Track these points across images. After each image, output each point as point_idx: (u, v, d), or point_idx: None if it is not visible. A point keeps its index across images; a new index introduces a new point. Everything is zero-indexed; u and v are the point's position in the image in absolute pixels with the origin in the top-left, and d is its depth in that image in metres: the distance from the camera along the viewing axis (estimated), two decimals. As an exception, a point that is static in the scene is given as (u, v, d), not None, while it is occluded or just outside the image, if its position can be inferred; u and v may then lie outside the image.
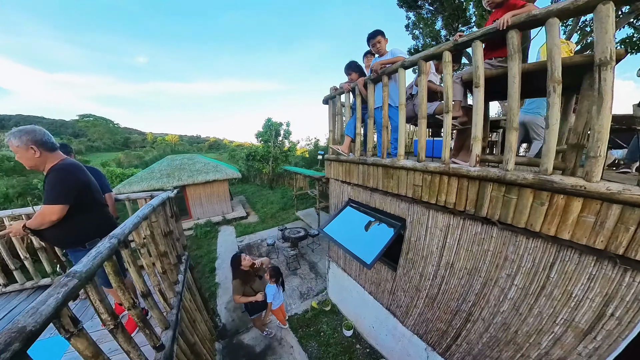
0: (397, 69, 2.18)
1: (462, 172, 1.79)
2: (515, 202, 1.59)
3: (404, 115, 2.23)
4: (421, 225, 2.25)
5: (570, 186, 1.34)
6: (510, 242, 1.68)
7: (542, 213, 1.48)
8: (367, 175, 2.80)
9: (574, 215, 1.38)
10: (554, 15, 1.32)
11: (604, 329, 1.37)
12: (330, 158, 3.50)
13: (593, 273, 1.39)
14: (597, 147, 1.28)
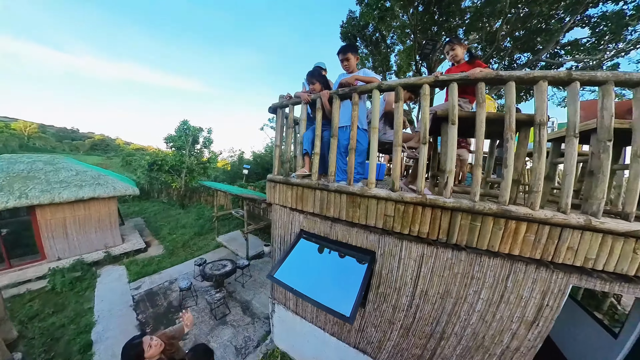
0: (372, 89, 2.01)
1: (439, 203, 1.82)
2: (479, 228, 1.76)
3: (376, 139, 2.08)
4: (393, 257, 2.14)
5: (522, 214, 1.61)
6: (476, 263, 1.82)
7: (500, 236, 1.73)
8: (327, 203, 2.46)
9: (521, 235, 1.67)
10: (513, 80, 1.59)
11: (543, 317, 1.75)
12: (276, 179, 2.91)
13: (535, 277, 1.72)
14: (538, 184, 1.57)
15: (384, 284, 2.23)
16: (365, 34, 9.96)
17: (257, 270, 6.20)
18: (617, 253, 1.57)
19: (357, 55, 2.43)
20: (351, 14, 10.06)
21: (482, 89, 1.66)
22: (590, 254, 1.60)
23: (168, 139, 13.69)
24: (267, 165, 15.94)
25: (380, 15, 8.57)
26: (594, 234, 1.57)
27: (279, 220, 3.05)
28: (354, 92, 2.15)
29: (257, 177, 15.14)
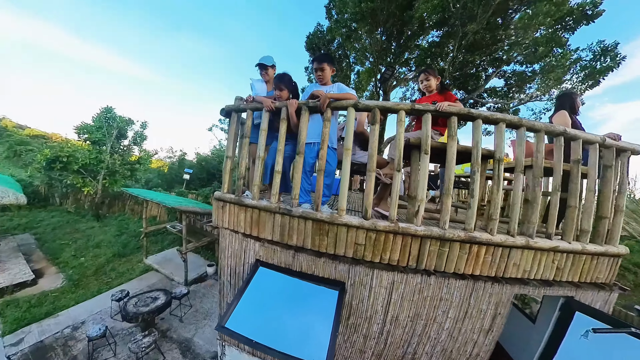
0: (348, 107, 1.75)
1: (411, 232, 1.74)
2: (447, 253, 1.77)
3: (349, 162, 1.83)
4: (364, 287, 1.97)
5: (485, 239, 1.70)
6: (444, 285, 1.85)
7: (465, 259, 1.79)
8: (289, 230, 2.09)
9: (482, 258, 1.76)
10: (481, 118, 1.67)
11: (496, 323, 1.92)
12: (225, 198, 2.33)
13: (490, 292, 1.86)
14: (496, 212, 1.67)
15: (355, 314, 2.06)
16: (330, 49, 10.01)
17: (199, 297, 5.16)
18: (543, 264, 1.83)
19: (334, 67, 2.15)
20: (319, 27, 9.93)
21: (454, 123, 1.64)
22: (527, 267, 1.81)
23: (81, 129, 9.84)
24: (214, 170, 13.95)
25: (347, 34, 8.78)
26: (530, 251, 1.77)
27: (229, 248, 2.48)
28: (327, 107, 1.85)
29: (201, 183, 13.08)
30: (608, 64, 6.31)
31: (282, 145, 2.08)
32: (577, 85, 6.91)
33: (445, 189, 1.70)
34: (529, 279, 1.83)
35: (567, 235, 1.76)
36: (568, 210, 1.77)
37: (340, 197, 1.88)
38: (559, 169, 1.73)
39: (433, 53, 8.24)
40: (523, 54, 7.13)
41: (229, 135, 2.41)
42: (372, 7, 7.44)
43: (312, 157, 2.12)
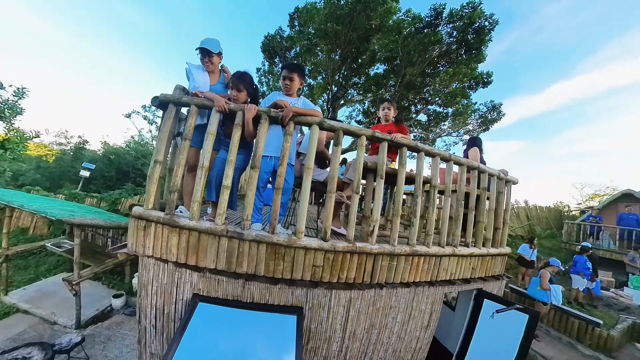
0: (312, 124, 1.63)
1: (366, 250, 1.80)
2: (395, 266, 1.93)
3: (309, 181, 1.72)
4: (322, 308, 1.91)
5: (424, 252, 1.92)
6: (393, 295, 2.01)
7: (408, 270, 1.99)
8: (238, 256, 1.80)
9: (421, 267, 1.99)
10: (424, 151, 1.93)
11: (432, 319, 2.20)
12: (150, 216, 1.78)
13: (427, 294, 2.14)
14: (431, 228, 1.94)
15: (314, 338, 1.97)
16: (286, 55, 9.84)
17: (100, 343, 3.80)
18: (463, 267, 2.24)
19: (303, 80, 1.98)
20: (280, 32, 9.70)
21: (405, 153, 1.81)
22: (453, 270, 2.17)
23: None
24: (128, 168, 11.03)
25: (308, 47, 8.95)
26: (455, 258, 2.14)
27: (153, 282, 1.93)
28: (290, 120, 1.70)
29: (107, 184, 10.11)
30: (495, 117, 9.33)
31: (233, 155, 1.78)
32: (476, 127, 9.77)
33: (395, 210, 1.85)
34: (454, 279, 2.21)
35: (478, 243, 2.24)
36: (478, 224, 2.25)
37: (299, 219, 1.76)
38: (474, 194, 2.18)
39: (378, 83, 9.51)
40: (442, 99, 9.36)
41: (160, 132, 1.87)
42: (336, 30, 7.91)
43: (266, 172, 1.92)
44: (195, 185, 1.80)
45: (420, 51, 7.98)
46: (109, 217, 5.08)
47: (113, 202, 7.58)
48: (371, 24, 7.66)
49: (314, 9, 8.61)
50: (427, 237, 2.01)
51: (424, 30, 7.85)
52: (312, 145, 1.75)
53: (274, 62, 10.66)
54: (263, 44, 10.07)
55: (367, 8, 7.36)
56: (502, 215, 2.41)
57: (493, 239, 2.41)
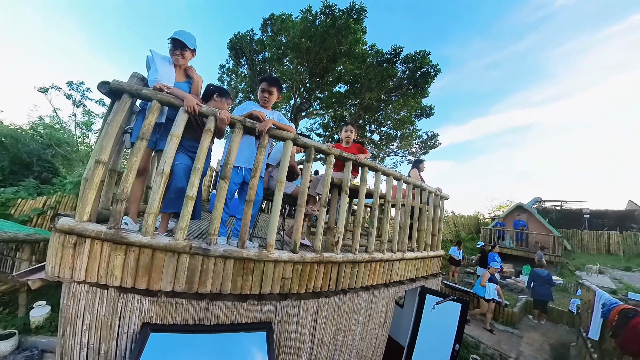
0: (287, 139, 1.67)
1: (333, 259, 1.92)
2: (357, 272, 2.13)
3: (281, 194, 1.75)
4: (291, 320, 1.92)
5: (380, 258, 2.20)
6: (355, 299, 2.18)
7: (367, 275, 2.21)
8: (201, 275, 1.66)
9: (377, 271, 2.25)
10: (381, 171, 2.25)
11: (387, 317, 2.46)
12: (85, 231, 1.44)
13: (383, 294, 2.39)
14: (386, 238, 2.22)
15: (284, 351, 1.94)
16: (253, 58, 9.63)
17: None
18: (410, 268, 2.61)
19: (280, 95, 1.99)
20: (251, 33, 9.49)
21: (366, 172, 2.06)
22: (402, 272, 2.51)
23: None
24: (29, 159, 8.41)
25: (278, 55, 8.95)
26: (404, 261, 2.49)
27: (86, 315, 1.57)
28: (264, 133, 1.70)
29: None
30: (433, 144, 11.55)
31: (201, 163, 1.67)
32: (418, 150, 11.77)
33: (357, 222, 2.06)
34: (404, 280, 2.55)
35: (421, 247, 2.66)
36: (420, 232, 2.69)
37: (270, 232, 1.77)
38: (417, 207, 2.62)
39: (340, 101, 10.34)
40: (393, 123, 10.92)
41: (108, 127, 1.57)
42: (308, 45, 8.25)
43: (235, 184, 1.86)
44: (152, 194, 1.60)
45: (379, 80, 9.17)
46: (3, 226, 3.81)
47: (3, 203, 5.67)
48: (341, 48, 8.34)
49: (289, 21, 8.82)
50: (382, 245, 2.29)
51: (384, 64, 9.10)
52: (285, 160, 1.80)
53: (239, 62, 10.31)
54: (231, 42, 9.60)
55: (339, 33, 8.01)
56: (438, 224, 2.94)
57: (432, 244, 2.91)
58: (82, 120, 12.10)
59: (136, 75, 1.70)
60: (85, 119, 12.18)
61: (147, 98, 1.64)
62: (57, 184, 7.92)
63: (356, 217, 2.09)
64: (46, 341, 3.61)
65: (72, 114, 11.66)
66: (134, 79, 1.70)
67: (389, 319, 2.49)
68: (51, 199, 6.34)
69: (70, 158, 10.60)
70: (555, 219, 12.95)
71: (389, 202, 2.30)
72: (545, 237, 10.06)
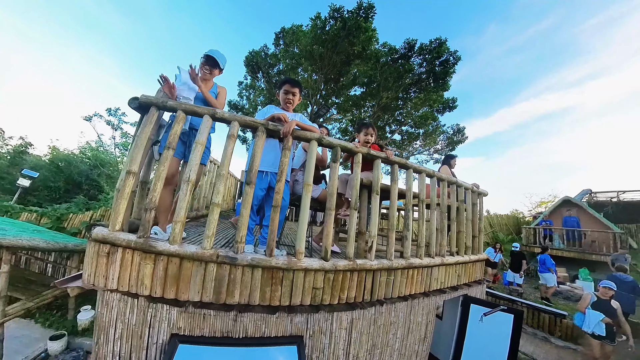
0: (312, 139, 1.54)
1: (366, 267, 1.72)
2: (392, 281, 1.89)
3: (309, 198, 1.60)
4: (324, 334, 1.73)
5: (417, 264, 1.96)
6: (392, 310, 1.94)
7: (404, 283, 1.95)
8: (229, 285, 1.54)
9: (416, 279, 1.97)
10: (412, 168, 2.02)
11: (428, 331, 2.16)
12: (117, 239, 1.42)
13: (423, 305, 2.10)
14: (423, 242, 1.96)
15: None
16: (269, 72, 9.83)
17: None
18: (451, 275, 2.29)
19: (301, 97, 1.91)
20: (265, 49, 9.73)
21: (396, 170, 1.85)
22: (443, 279, 2.20)
23: None
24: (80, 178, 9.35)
25: (292, 65, 9.12)
26: (444, 267, 2.18)
27: (118, 323, 1.53)
28: (288, 134, 1.59)
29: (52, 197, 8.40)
30: (459, 138, 10.59)
31: (226, 169, 1.57)
32: (444, 147, 10.92)
33: (391, 225, 1.83)
34: (444, 288, 2.24)
35: (461, 251, 2.33)
36: (459, 234, 2.36)
37: (299, 239, 1.61)
38: (454, 206, 2.31)
39: (357, 104, 10.10)
40: (414, 121, 10.35)
41: (137, 138, 1.57)
42: (321, 52, 8.28)
43: (262, 189, 1.75)
44: (178, 202, 1.54)
45: (395, 78, 8.79)
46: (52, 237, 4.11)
47: (58, 217, 6.22)
48: (354, 49, 8.16)
49: (300, 31, 8.89)
50: (419, 249, 2.02)
51: (399, 60, 8.72)
52: (311, 162, 1.65)
53: (256, 77, 10.58)
54: (246, 59, 9.97)
55: (350, 35, 7.86)
56: (477, 224, 2.58)
57: (472, 246, 2.55)
58: (120, 141, 13.32)
59: (162, 90, 1.68)
60: (123, 141, 13.39)
61: (172, 109, 1.63)
62: (101, 199, 8.64)
63: (389, 219, 1.87)
64: (90, 343, 3.77)
65: (112, 137, 12.91)
66: (160, 93, 1.68)
67: (430, 333, 2.18)
68: (97, 213, 6.87)
69: (113, 176, 11.60)
70: (612, 213, 10.89)
71: (423, 202, 2.04)
72: (604, 234, 8.29)
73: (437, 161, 11.27)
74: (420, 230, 2.03)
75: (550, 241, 9.30)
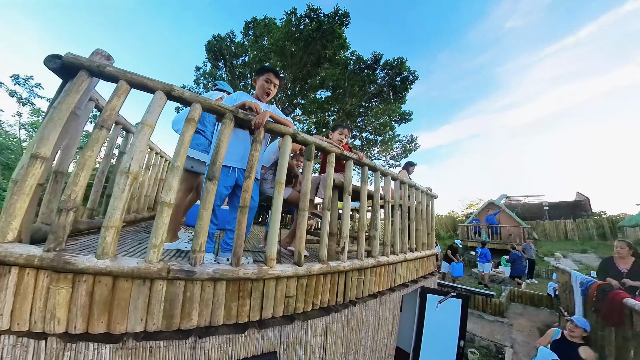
0: (285, 135, 1.39)
1: (340, 269, 1.68)
2: (363, 280, 1.90)
3: (281, 198, 1.44)
4: (299, 346, 1.57)
5: (385, 261, 1.99)
6: (363, 309, 1.94)
7: (373, 281, 2.00)
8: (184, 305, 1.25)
9: (383, 276, 2.01)
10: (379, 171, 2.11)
11: (394, 324, 2.25)
12: (11, 257, 0.96)
13: (389, 300, 2.20)
14: (389, 240, 2.04)
15: None
16: (233, 62, 9.14)
17: None
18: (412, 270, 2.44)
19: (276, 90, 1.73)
20: (232, 36, 9.03)
21: (366, 172, 1.90)
22: (405, 274, 2.33)
23: None
24: None
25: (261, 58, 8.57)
26: (406, 263, 2.31)
27: None
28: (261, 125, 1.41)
29: None
30: (412, 147, 11.84)
31: (181, 160, 1.29)
32: (399, 154, 12.07)
33: (361, 225, 1.84)
34: (406, 282, 2.37)
35: (419, 247, 2.53)
36: (417, 232, 2.56)
37: (269, 243, 1.44)
38: (413, 207, 2.50)
39: (322, 107, 10.28)
40: (374, 128, 11.09)
41: (53, 111, 1.13)
42: (292, 49, 8.03)
43: (226, 187, 1.51)
44: (112, 201, 1.17)
45: (360, 86, 9.36)
46: None
47: None
48: (326, 52, 8.27)
49: (273, 24, 8.49)
50: (386, 248, 2.09)
51: (365, 70, 9.31)
52: (284, 158, 1.51)
53: (217, 65, 9.61)
54: (209, 44, 8.96)
55: (324, 38, 7.94)
56: (430, 222, 2.87)
57: (427, 242, 2.81)
58: (29, 120, 9.97)
59: (100, 52, 1.30)
60: (33, 119, 10.03)
61: (113, 77, 1.24)
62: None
63: (359, 220, 1.87)
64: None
65: (16, 113, 9.57)
66: (97, 56, 1.29)
67: (397, 326, 2.27)
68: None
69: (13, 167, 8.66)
70: (520, 212, 14.03)
71: (388, 203, 2.13)
72: (516, 229, 10.88)
73: (392, 166, 12.39)
74: (386, 230, 2.11)
75: (479, 236, 11.35)
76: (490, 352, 3.87)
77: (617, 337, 2.37)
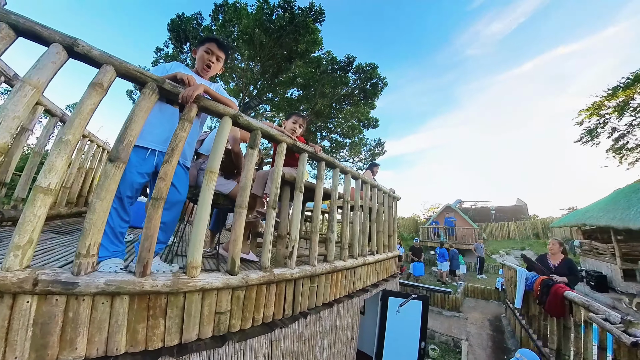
0: (225, 115, 1.19)
1: (286, 277, 1.47)
2: (316, 288, 1.73)
3: (211, 190, 1.20)
4: (233, 369, 1.31)
5: (342, 266, 1.91)
6: (317, 320, 1.76)
7: (328, 288, 1.85)
8: (64, 331, 0.92)
9: (340, 282, 1.89)
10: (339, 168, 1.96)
11: (354, 332, 2.07)
12: None
13: (348, 307, 2.02)
14: (347, 244, 1.91)
15: None
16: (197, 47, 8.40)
17: None
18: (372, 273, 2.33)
19: (223, 67, 1.48)
20: (199, 17, 8.20)
21: (323, 167, 1.73)
22: (365, 278, 2.21)
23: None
24: None
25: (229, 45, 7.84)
26: (366, 267, 2.19)
27: None
28: (190, 99, 1.15)
29: None
30: (380, 151, 12.21)
31: (73, 135, 1.00)
32: (367, 157, 12.40)
33: (314, 227, 1.67)
34: (367, 287, 2.24)
35: (380, 250, 2.43)
36: (378, 234, 2.48)
37: (195, 247, 1.18)
38: (375, 208, 2.42)
39: (291, 105, 9.98)
40: (343, 130, 11.17)
41: None
42: (263, 39, 7.53)
43: (141, 174, 1.20)
44: None
45: (332, 86, 9.31)
46: None
47: None
48: (297, 47, 7.91)
49: (244, 10, 7.87)
50: (343, 251, 1.95)
51: (337, 71, 9.32)
52: (220, 141, 1.27)
53: (181, 49, 8.53)
54: (172, 23, 8.00)
55: (296, 31, 7.62)
56: (392, 224, 2.82)
57: (389, 245, 2.74)
58: None
59: None
60: None
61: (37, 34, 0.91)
62: None
63: (313, 221, 1.70)
64: None
65: None
66: None
67: (356, 334, 2.11)
68: None
69: None
70: (472, 215, 15.88)
71: (347, 203, 2.01)
72: (469, 230, 12.11)
73: (360, 169, 12.65)
74: (343, 232, 1.97)
75: (438, 237, 12.11)
76: (449, 346, 3.98)
77: (559, 326, 2.51)
